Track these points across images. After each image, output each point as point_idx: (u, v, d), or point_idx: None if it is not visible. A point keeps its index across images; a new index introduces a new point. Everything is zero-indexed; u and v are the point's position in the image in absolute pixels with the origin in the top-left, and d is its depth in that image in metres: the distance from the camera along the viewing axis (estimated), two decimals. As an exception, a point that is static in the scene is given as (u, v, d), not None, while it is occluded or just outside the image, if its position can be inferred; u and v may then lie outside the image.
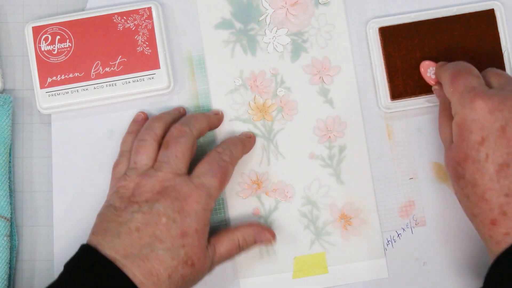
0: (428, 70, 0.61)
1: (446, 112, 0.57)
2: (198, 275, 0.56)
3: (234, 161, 0.59)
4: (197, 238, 0.54)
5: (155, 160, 0.57)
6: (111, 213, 0.55)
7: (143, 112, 0.62)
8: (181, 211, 0.54)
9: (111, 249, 0.53)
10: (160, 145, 0.58)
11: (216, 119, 0.62)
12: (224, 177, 0.57)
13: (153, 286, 0.53)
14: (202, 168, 0.56)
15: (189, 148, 0.57)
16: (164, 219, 0.54)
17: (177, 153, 0.56)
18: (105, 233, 0.54)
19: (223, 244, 0.58)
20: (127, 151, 0.59)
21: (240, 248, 0.59)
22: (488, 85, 0.55)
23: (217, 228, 0.62)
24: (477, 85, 0.54)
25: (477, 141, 0.52)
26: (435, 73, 0.61)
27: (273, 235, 0.60)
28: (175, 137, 0.57)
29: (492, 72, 0.58)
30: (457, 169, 0.53)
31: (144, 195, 0.55)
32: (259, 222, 0.62)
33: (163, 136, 0.58)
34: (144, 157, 0.57)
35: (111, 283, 0.52)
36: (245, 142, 0.61)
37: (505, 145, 0.51)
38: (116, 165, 0.59)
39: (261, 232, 0.59)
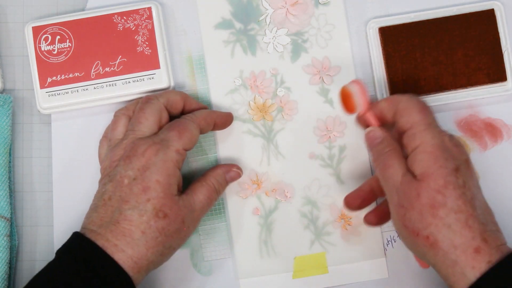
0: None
1: (393, 152, 0.54)
2: (179, 225, 0.55)
3: (196, 121, 0.58)
4: (161, 189, 0.54)
5: None
6: (96, 193, 0.56)
7: None
8: (141, 168, 0.54)
9: (91, 224, 0.54)
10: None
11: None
12: (183, 130, 0.56)
13: (127, 246, 0.53)
14: (161, 129, 0.57)
15: (153, 113, 0.57)
16: (126, 180, 0.54)
17: (140, 118, 0.56)
18: (89, 212, 0.56)
19: (200, 191, 0.58)
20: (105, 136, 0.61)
21: (216, 191, 0.59)
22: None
23: (216, 228, 0.62)
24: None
25: (453, 168, 0.51)
26: (381, 111, 0.56)
27: (239, 168, 0.61)
28: (140, 105, 0.57)
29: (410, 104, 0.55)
30: (437, 198, 0.51)
31: (113, 165, 0.56)
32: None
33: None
34: (115, 132, 0.58)
35: (95, 264, 0.52)
36: (216, 111, 0.61)
37: (472, 176, 0.52)
38: (99, 153, 0.60)
39: (228, 169, 0.60)
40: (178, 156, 0.55)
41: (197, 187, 0.58)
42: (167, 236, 0.54)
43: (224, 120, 0.61)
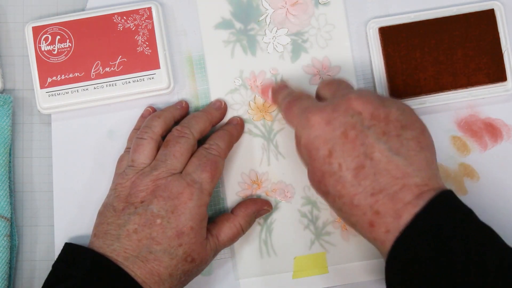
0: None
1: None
2: (201, 267, 0.57)
3: (222, 154, 0.58)
4: (194, 235, 0.55)
5: (153, 159, 0.57)
6: (110, 214, 0.55)
7: (151, 107, 0.62)
8: (175, 210, 0.54)
9: (112, 252, 0.54)
10: (158, 143, 0.58)
11: (218, 113, 0.62)
12: (214, 169, 0.57)
13: (155, 285, 0.53)
14: (191, 165, 0.57)
15: (188, 149, 0.57)
16: (159, 220, 0.54)
17: (175, 153, 0.56)
18: (106, 236, 0.55)
19: (225, 232, 0.58)
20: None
21: (243, 231, 0.60)
22: (322, 99, 0.56)
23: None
24: (309, 104, 0.54)
25: (325, 155, 0.51)
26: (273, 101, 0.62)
27: (269, 205, 0.62)
28: (175, 137, 0.57)
29: (322, 85, 0.58)
30: (321, 187, 0.52)
31: (139, 195, 0.55)
32: (252, 196, 0.63)
33: (162, 134, 0.58)
34: (141, 156, 0.57)
35: (119, 285, 0.53)
36: (232, 131, 0.61)
37: (351, 149, 0.51)
38: (120, 160, 0.60)
39: (259, 209, 0.61)
40: (209, 198, 0.56)
41: (224, 226, 0.59)
42: (190, 276, 0.56)
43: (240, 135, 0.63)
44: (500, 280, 0.46)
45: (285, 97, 0.58)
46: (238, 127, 0.62)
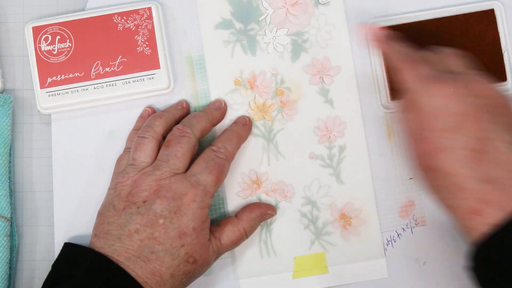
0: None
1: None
2: (203, 268, 0.57)
3: (230, 157, 0.59)
4: (196, 236, 0.55)
5: (154, 158, 0.57)
6: (110, 214, 0.55)
7: (150, 108, 0.62)
8: (178, 211, 0.54)
9: (114, 252, 0.54)
10: (159, 143, 0.58)
11: (219, 114, 0.62)
12: (220, 173, 0.57)
13: (156, 285, 0.53)
14: (197, 166, 0.56)
15: (190, 148, 0.57)
16: (161, 221, 0.54)
17: (177, 153, 0.56)
18: (107, 236, 0.55)
19: (229, 235, 0.58)
20: (130, 148, 0.60)
21: (246, 236, 0.59)
22: (448, 68, 0.54)
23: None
24: (439, 72, 0.52)
25: (447, 128, 0.50)
26: (384, 51, 0.59)
27: (274, 210, 0.61)
28: (177, 137, 0.57)
29: (449, 54, 0.56)
30: (427, 160, 0.50)
31: (142, 195, 0.55)
32: (256, 201, 0.62)
33: (163, 134, 0.58)
34: (143, 155, 0.57)
35: (119, 284, 0.52)
36: (241, 133, 0.61)
37: (478, 130, 0.49)
38: (119, 159, 0.60)
39: (264, 213, 0.61)
40: (211, 200, 0.56)
41: (228, 230, 0.58)
42: (191, 277, 0.56)
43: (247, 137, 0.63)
44: None
45: (408, 52, 0.55)
46: (246, 128, 0.62)
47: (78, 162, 0.63)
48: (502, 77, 0.62)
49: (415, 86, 0.52)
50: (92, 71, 0.62)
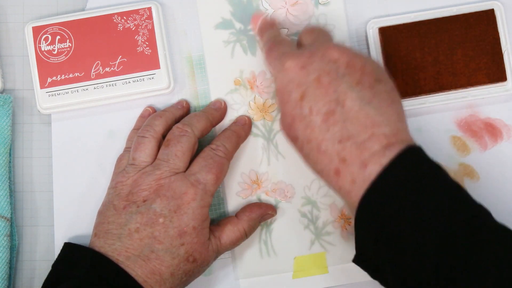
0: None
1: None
2: (202, 268, 0.57)
3: (229, 156, 0.59)
4: (196, 235, 0.55)
5: (154, 157, 0.57)
6: (111, 213, 0.55)
7: (151, 107, 0.62)
8: (178, 210, 0.54)
9: (114, 252, 0.54)
10: (159, 142, 0.58)
11: (218, 114, 0.62)
12: (219, 172, 0.57)
13: (156, 284, 0.53)
14: (197, 165, 0.57)
15: (190, 148, 0.57)
16: (161, 220, 0.54)
17: (177, 152, 0.56)
18: (107, 236, 0.55)
19: (228, 235, 0.58)
20: (130, 147, 0.60)
21: (246, 236, 0.60)
22: (302, 45, 0.57)
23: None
24: (287, 50, 0.55)
25: (297, 98, 0.52)
26: (260, 37, 0.62)
27: (274, 210, 0.61)
28: (177, 136, 0.57)
29: (304, 31, 0.58)
30: (290, 132, 0.53)
31: (142, 194, 0.55)
32: (256, 201, 0.63)
33: (163, 134, 0.58)
34: (142, 154, 0.57)
35: (118, 284, 0.53)
36: (240, 132, 0.61)
37: (323, 94, 0.51)
38: (119, 159, 0.60)
39: (264, 213, 0.61)
40: (211, 199, 0.56)
41: (228, 229, 0.59)
42: (191, 276, 0.56)
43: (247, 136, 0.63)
44: (469, 233, 0.46)
45: (269, 39, 0.58)
46: (246, 127, 0.62)
47: (78, 162, 0.63)
48: (502, 77, 0.62)
49: (274, 64, 0.55)
50: (92, 71, 0.62)
